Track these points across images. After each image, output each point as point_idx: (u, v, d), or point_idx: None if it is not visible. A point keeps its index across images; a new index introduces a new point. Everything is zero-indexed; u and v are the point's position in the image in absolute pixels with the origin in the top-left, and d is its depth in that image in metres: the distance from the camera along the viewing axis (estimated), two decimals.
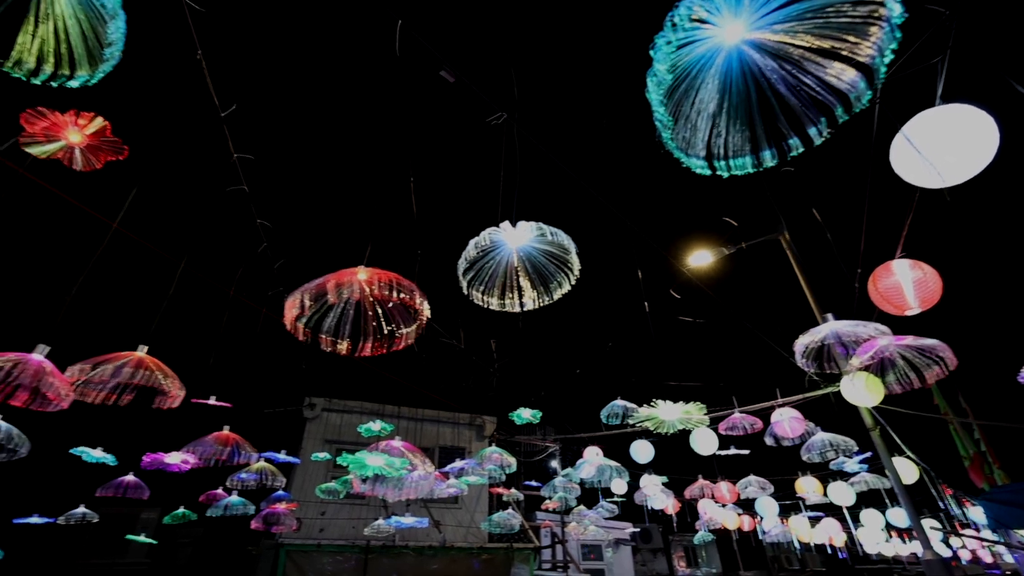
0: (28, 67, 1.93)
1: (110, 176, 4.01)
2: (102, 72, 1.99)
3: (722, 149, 1.78)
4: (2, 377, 2.34)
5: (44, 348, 2.44)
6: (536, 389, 10.05)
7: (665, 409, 3.29)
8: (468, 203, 9.58)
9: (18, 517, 6.51)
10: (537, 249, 2.08)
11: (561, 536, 13.44)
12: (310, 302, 2.29)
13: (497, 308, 2.24)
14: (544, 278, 2.13)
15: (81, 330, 2.90)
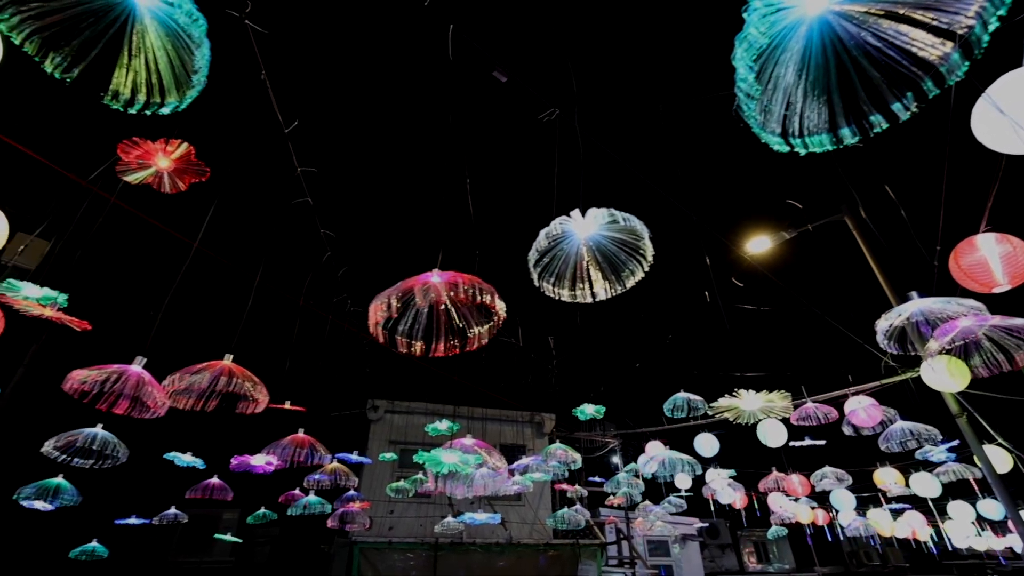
0: (124, 98, 2.06)
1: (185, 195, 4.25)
2: (189, 98, 2.10)
3: (797, 126, 1.67)
4: (107, 388, 2.52)
5: (141, 360, 2.62)
6: (595, 384, 9.93)
7: (747, 399, 3.13)
8: (523, 202, 9.61)
9: (119, 518, 7.12)
10: (606, 237, 2.02)
11: (626, 532, 13.23)
12: (397, 303, 2.33)
13: (568, 299, 2.20)
14: (615, 267, 2.07)
15: (171, 342, 3.12)
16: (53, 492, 5.25)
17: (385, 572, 8.89)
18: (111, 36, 1.96)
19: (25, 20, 1.82)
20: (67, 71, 1.94)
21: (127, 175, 2.61)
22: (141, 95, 2.08)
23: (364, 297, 6.81)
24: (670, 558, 15.03)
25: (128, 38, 1.99)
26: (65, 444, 4.29)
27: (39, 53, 1.88)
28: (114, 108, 2.05)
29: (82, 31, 1.91)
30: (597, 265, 2.05)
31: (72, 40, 1.92)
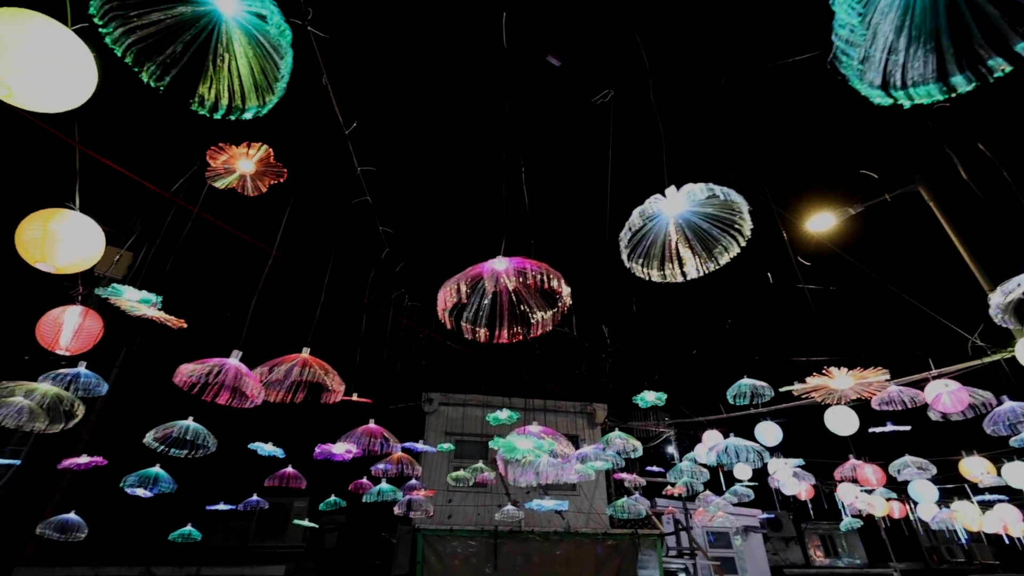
0: (209, 104, 2.20)
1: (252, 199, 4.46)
2: (271, 104, 2.22)
3: (900, 76, 1.53)
4: (211, 380, 2.72)
5: (238, 353, 2.80)
6: (649, 373, 9.75)
7: (839, 377, 2.97)
8: (576, 188, 9.54)
9: (209, 504, 7.73)
10: (698, 214, 1.96)
11: (685, 523, 12.99)
12: (467, 289, 2.38)
13: (658, 279, 2.15)
14: (707, 244, 2.00)
15: (250, 339, 3.34)
16: (153, 480, 5.73)
17: (447, 558, 9.15)
18: (199, 45, 2.09)
19: (125, 33, 1.98)
20: (160, 79, 2.08)
21: (215, 181, 2.79)
22: (224, 101, 2.21)
23: (421, 292, 7.01)
24: (731, 550, 14.62)
25: (214, 47, 2.12)
26: (163, 436, 4.66)
27: (136, 63, 2.04)
28: (201, 114, 2.19)
29: (173, 41, 2.05)
30: (687, 243, 2.00)
31: (165, 50, 2.07)
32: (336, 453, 4.16)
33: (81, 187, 5.40)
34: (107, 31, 1.93)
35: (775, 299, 8.05)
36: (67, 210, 3.84)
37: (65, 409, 4.17)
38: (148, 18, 1.98)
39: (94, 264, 4.20)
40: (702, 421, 11.67)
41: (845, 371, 2.89)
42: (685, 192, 1.86)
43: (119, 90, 5.81)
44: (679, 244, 1.99)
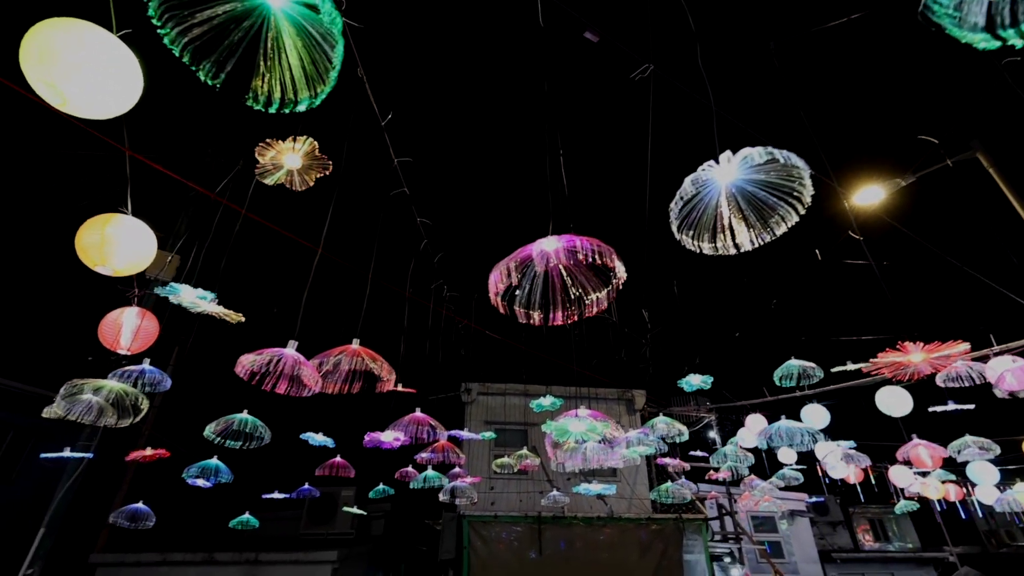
0: (263, 98, 2.22)
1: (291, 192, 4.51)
2: (323, 94, 2.22)
3: (1009, 12, 1.39)
4: (270, 370, 2.79)
5: (294, 343, 2.86)
6: (690, 356, 9.56)
7: (913, 352, 2.81)
8: (616, 169, 9.36)
9: (265, 493, 8.07)
10: (753, 181, 1.86)
11: (729, 507, 12.79)
12: (517, 273, 2.35)
13: (709, 252, 2.07)
14: (762, 213, 1.90)
15: (302, 332, 3.43)
16: (212, 471, 5.99)
17: (492, 543, 9.29)
18: (250, 40, 2.11)
19: (181, 32, 2.01)
20: (215, 77, 2.11)
21: (265, 178, 2.84)
22: (276, 94, 2.23)
23: (459, 282, 7.04)
24: (777, 534, 14.33)
25: (264, 40, 2.14)
26: (222, 429, 4.85)
27: (193, 62, 2.07)
28: (256, 109, 2.21)
29: (225, 38, 2.07)
30: (740, 213, 1.90)
31: (218, 47, 2.09)
32: (385, 441, 4.24)
33: (118, 192, 5.61)
34: (165, 31, 1.96)
35: (823, 277, 7.73)
36: (121, 215, 3.99)
37: (132, 404, 4.38)
38: (201, 15, 2.01)
39: (148, 267, 4.37)
40: (745, 405, 11.41)
41: (920, 345, 2.73)
42: (741, 157, 1.77)
43: (157, 95, 5.97)
44: (732, 214, 1.89)
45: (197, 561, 9.26)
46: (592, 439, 3.62)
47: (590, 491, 5.09)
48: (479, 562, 9.07)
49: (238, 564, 9.29)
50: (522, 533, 9.43)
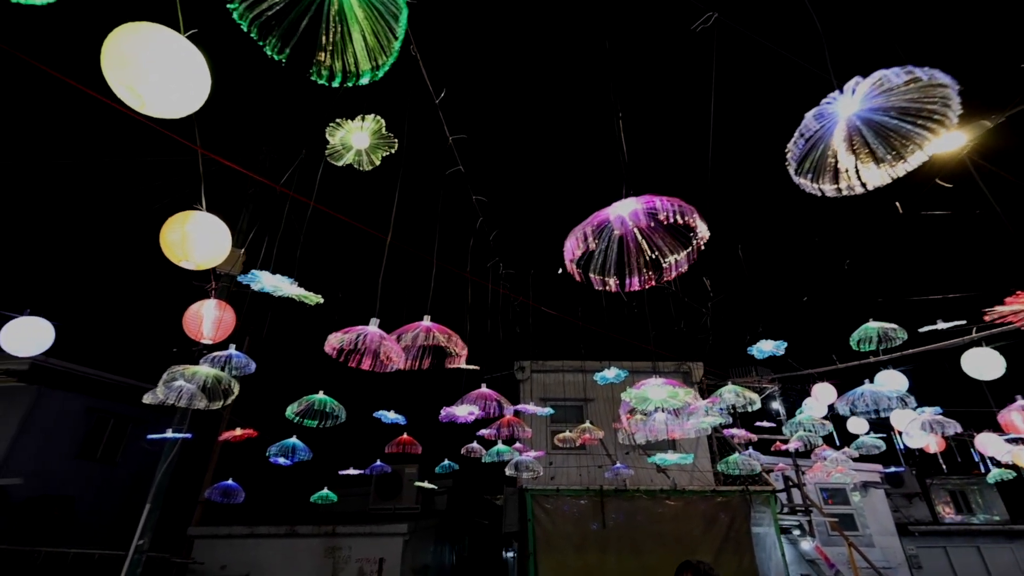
0: (327, 73, 2.23)
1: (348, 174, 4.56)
2: (386, 66, 2.21)
3: None
4: (355, 347, 2.88)
5: (375, 321, 2.94)
6: (752, 325, 9.19)
7: None
8: (675, 127, 8.97)
9: (341, 469, 8.53)
10: (879, 109, 1.69)
11: (797, 479, 12.38)
12: (593, 237, 2.29)
13: (832, 194, 1.91)
14: (893, 143, 1.72)
15: (366, 311, 3.54)
16: (292, 450, 6.37)
17: (556, 515, 9.43)
18: (313, 12, 2.12)
19: (249, 8, 2.03)
20: (281, 52, 2.13)
21: (336, 159, 2.89)
22: (339, 68, 2.24)
23: (514, 259, 7.04)
24: (849, 506, 13.77)
25: (328, 13, 2.14)
26: (303, 409, 5.12)
27: (260, 37, 2.09)
28: (320, 84, 2.23)
29: (290, 11, 2.08)
30: (866, 146, 1.74)
31: (282, 22, 2.11)
32: (459, 416, 4.34)
33: (189, 191, 5.85)
34: (234, 7, 2.00)
35: (902, 231, 7.14)
36: (199, 211, 4.18)
37: (223, 388, 4.69)
38: None
39: (223, 259, 4.59)
40: (812, 374, 10.91)
41: None
42: (871, 83, 1.60)
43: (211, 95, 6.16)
44: (858, 148, 1.73)
45: (281, 534, 9.95)
46: (673, 406, 3.55)
47: (666, 460, 5.02)
48: (543, 534, 9.25)
49: (317, 536, 9.91)
50: (585, 506, 9.51)
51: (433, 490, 12.27)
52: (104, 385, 11.68)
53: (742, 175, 11.36)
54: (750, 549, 9.32)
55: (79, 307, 13.33)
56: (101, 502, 11.29)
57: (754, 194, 11.93)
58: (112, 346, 12.69)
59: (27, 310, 5.96)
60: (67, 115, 11.51)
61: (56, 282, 14.23)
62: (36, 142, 12.59)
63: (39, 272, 13.55)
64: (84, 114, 10.71)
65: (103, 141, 9.52)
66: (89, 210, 10.36)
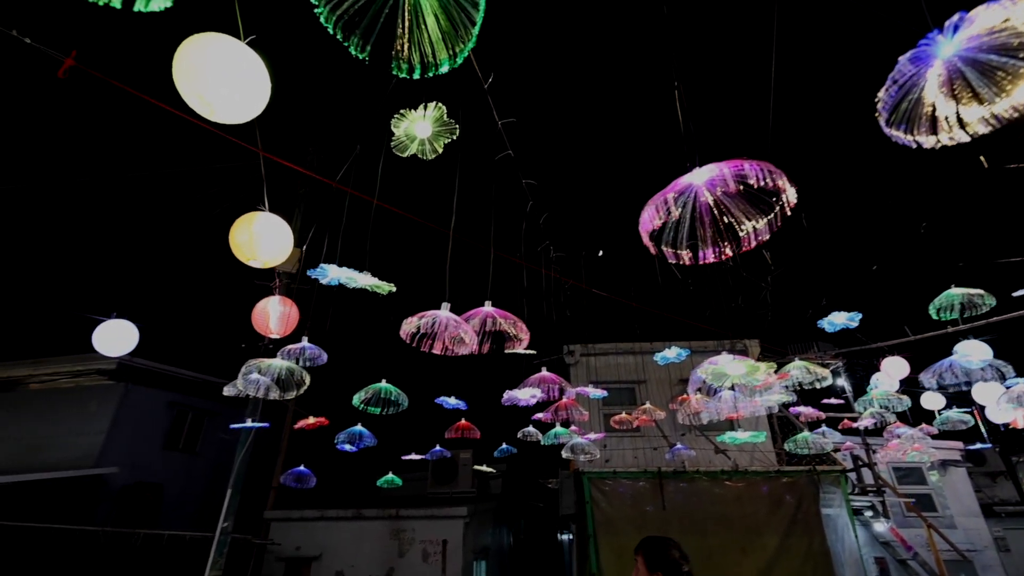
0: (406, 66, 2.25)
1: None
2: (464, 53, 2.20)
3: None
4: (430, 332, 2.94)
5: (447, 305, 2.99)
6: (815, 298, 8.74)
7: None
8: (731, 93, 8.57)
9: (404, 454, 8.84)
10: (978, 46, 1.53)
11: (867, 458, 11.81)
12: (675, 207, 2.22)
13: (930, 146, 1.76)
14: (999, 82, 1.56)
15: (423, 298, 3.61)
16: (358, 437, 6.63)
17: (613, 498, 9.41)
18: (390, 6, 2.13)
19: (332, 8, 2.07)
20: (363, 50, 2.16)
21: (400, 150, 2.93)
22: (416, 59, 2.25)
23: (565, 242, 6.97)
24: (926, 486, 13.00)
25: (403, 6, 2.15)
26: (369, 397, 5.31)
27: (344, 37, 2.13)
28: (402, 76, 2.25)
29: (368, 8, 2.10)
30: (966, 87, 1.58)
31: (363, 19, 2.14)
32: (521, 399, 4.37)
33: (244, 196, 6.04)
34: (320, 9, 2.04)
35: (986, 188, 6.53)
36: (263, 212, 4.35)
37: (296, 380, 4.92)
38: None
39: (287, 257, 4.77)
40: (883, 347, 10.29)
41: None
42: (975, 20, 1.45)
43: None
44: (960, 92, 1.57)
45: (348, 517, 10.44)
46: (752, 382, 3.44)
47: (736, 439, 4.89)
48: (602, 515, 9.26)
49: (382, 519, 10.34)
50: (643, 488, 9.44)
51: (488, 474, 12.51)
52: (182, 381, 12.56)
53: (804, 136, 10.70)
54: (820, 531, 9.00)
55: (157, 309, 14.33)
56: (185, 488, 12.21)
57: (817, 157, 11.25)
58: (187, 345, 13.61)
59: (113, 313, 6.44)
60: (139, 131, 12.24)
61: (136, 287, 15.32)
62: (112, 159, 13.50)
63: (122, 278, 14.64)
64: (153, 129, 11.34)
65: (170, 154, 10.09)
66: (162, 219, 11.06)
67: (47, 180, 10.75)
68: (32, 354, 12.30)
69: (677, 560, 2.20)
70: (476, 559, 11.15)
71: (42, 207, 13.29)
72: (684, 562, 2.20)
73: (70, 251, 15.35)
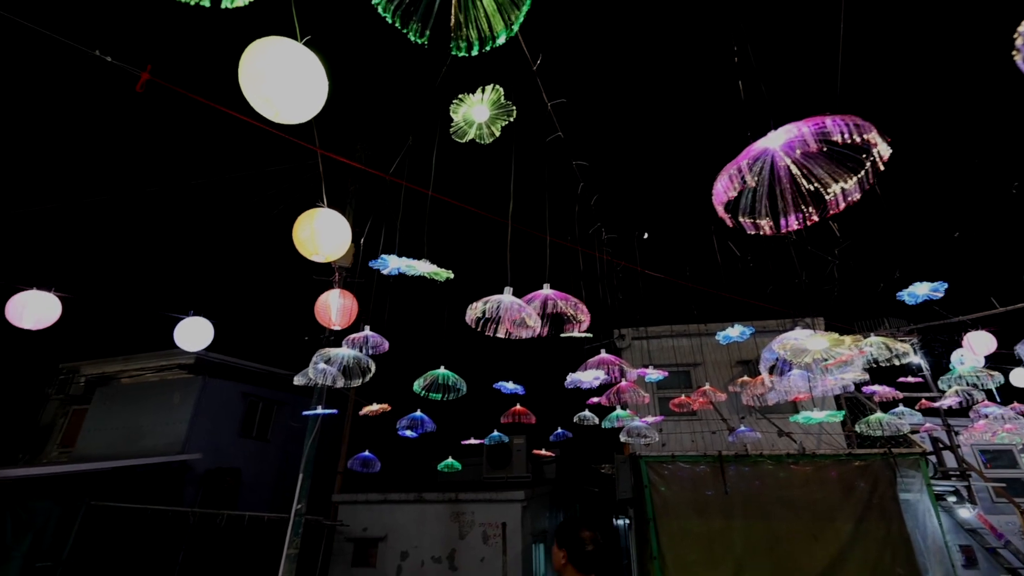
0: (465, 44, 2.25)
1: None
2: (519, 22, 2.18)
3: None
4: (494, 316, 2.97)
5: (509, 289, 3.01)
6: (887, 271, 8.17)
7: None
8: (794, 50, 8.07)
9: (463, 439, 9.08)
10: None
11: (949, 440, 11.02)
12: (751, 175, 2.11)
13: None
14: None
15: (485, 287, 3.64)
16: (420, 423, 6.84)
17: (672, 482, 9.27)
18: None
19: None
20: (422, 35, 2.18)
21: (459, 136, 2.96)
22: (475, 35, 2.24)
23: (618, 224, 6.84)
24: (1018, 470, 12.00)
25: None
26: (429, 383, 5.45)
27: (403, 25, 2.15)
28: (461, 55, 2.25)
29: None
30: None
31: (419, 5, 2.15)
32: (584, 381, 4.36)
33: (298, 196, 6.21)
34: (377, 1, 2.07)
35: None
36: (322, 209, 4.50)
37: (362, 368, 5.13)
38: None
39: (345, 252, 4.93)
40: (965, 321, 9.51)
41: None
42: None
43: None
44: None
45: (410, 500, 10.84)
46: (838, 355, 3.27)
47: (811, 419, 4.68)
48: (661, 499, 9.14)
49: (442, 503, 10.66)
50: (703, 472, 9.24)
51: (543, 459, 12.60)
52: (251, 373, 13.40)
53: (873, 84, 9.87)
54: (898, 516, 8.51)
55: (227, 307, 15.30)
56: (259, 473, 13.07)
57: (889, 108, 10.38)
58: (254, 339, 14.47)
59: (191, 311, 6.92)
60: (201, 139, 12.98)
61: (207, 286, 16.38)
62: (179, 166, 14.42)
63: (196, 278, 15.70)
64: (210, 138, 11.98)
65: (228, 159, 10.64)
66: (227, 222, 11.74)
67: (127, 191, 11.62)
68: (123, 351, 13.47)
69: (583, 539, 2.32)
70: (535, 542, 11.33)
71: (124, 216, 14.39)
72: (590, 543, 2.31)
73: (151, 254, 16.60)
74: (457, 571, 9.97)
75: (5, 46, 10.40)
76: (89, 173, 14.52)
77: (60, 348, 14.73)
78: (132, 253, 16.40)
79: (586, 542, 2.30)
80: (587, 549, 2.28)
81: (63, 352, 14.76)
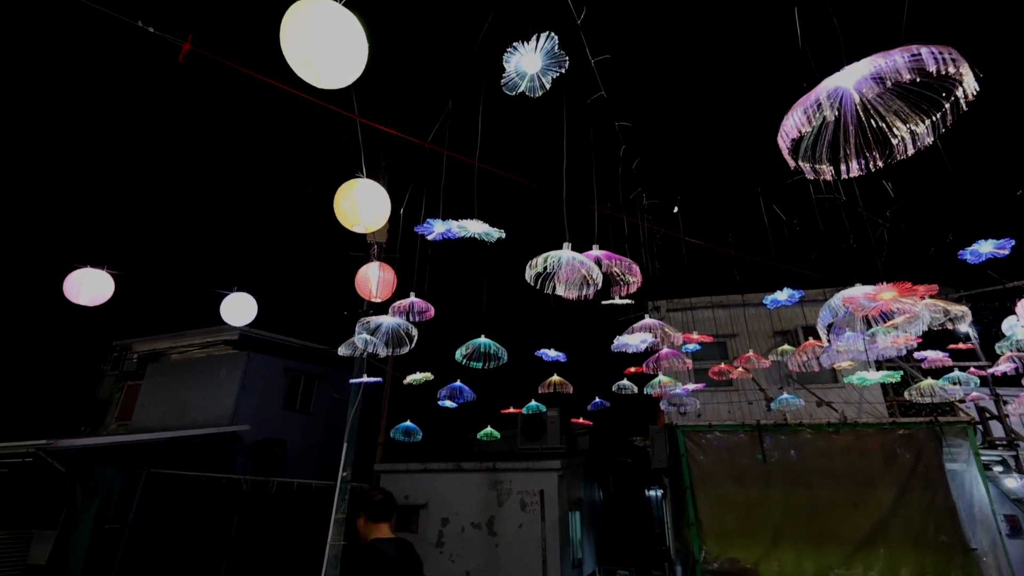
0: None
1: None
2: None
3: None
4: (553, 272, 2.98)
5: (568, 245, 3.02)
6: (940, 234, 7.80)
7: None
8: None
9: (502, 408, 9.25)
10: None
11: (997, 409, 10.64)
12: (830, 109, 2.03)
13: None
14: None
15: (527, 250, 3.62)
16: (459, 392, 6.97)
17: (709, 451, 9.27)
18: None
19: None
20: None
21: (510, 88, 2.94)
22: None
23: (659, 189, 6.70)
24: None
25: None
26: (470, 352, 5.54)
27: None
28: None
29: None
30: None
31: None
32: (631, 344, 4.36)
33: (331, 174, 6.21)
34: None
35: None
36: (361, 179, 4.53)
37: (405, 333, 5.24)
38: None
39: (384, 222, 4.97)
40: (1021, 286, 9.07)
41: None
42: None
43: None
44: None
45: (449, 469, 11.16)
46: (904, 307, 3.18)
47: (866, 379, 4.58)
48: (698, 468, 9.17)
49: (480, 472, 10.95)
50: (741, 440, 9.20)
51: (577, 430, 12.72)
52: (293, 349, 13.88)
53: (930, 25, 9.29)
54: (944, 486, 8.33)
55: (267, 283, 15.78)
56: (304, 444, 13.64)
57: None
58: (294, 315, 14.93)
59: (235, 287, 7.15)
60: (237, 117, 13.17)
61: (247, 263, 16.87)
62: (216, 146, 14.72)
63: (237, 255, 16.18)
64: (247, 115, 12.13)
65: (264, 138, 10.78)
66: (265, 200, 12.01)
67: (170, 172, 11.97)
68: (170, 328, 14.10)
69: (371, 496, 2.74)
70: (571, 510, 11.56)
71: (168, 196, 14.86)
72: (378, 494, 2.75)
73: (195, 232, 17.14)
74: (496, 536, 10.28)
75: (57, 33, 10.72)
76: (137, 153, 14.97)
77: (113, 326, 15.54)
78: (176, 231, 16.96)
79: (373, 496, 2.72)
80: (375, 499, 2.69)
81: (116, 330, 15.57)
